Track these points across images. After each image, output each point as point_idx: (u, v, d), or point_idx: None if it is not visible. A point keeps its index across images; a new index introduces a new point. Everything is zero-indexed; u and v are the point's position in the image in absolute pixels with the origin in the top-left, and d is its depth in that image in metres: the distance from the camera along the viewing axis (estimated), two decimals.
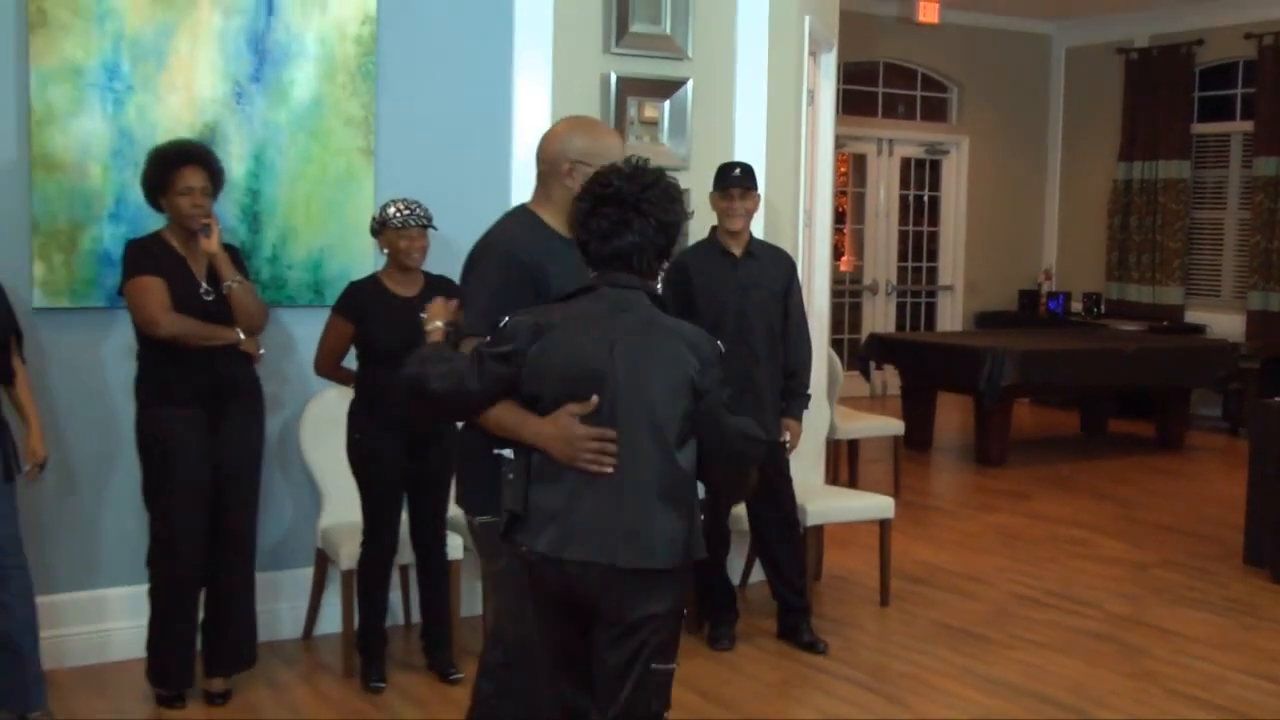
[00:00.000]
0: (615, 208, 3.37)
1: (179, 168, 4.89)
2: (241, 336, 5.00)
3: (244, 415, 5.10)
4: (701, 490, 3.43)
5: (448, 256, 5.50)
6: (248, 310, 5.00)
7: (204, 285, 4.97)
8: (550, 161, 3.74)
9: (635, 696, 3.33)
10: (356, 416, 5.27)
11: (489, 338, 3.42)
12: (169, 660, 5.09)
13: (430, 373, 3.42)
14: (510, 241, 3.70)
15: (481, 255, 3.72)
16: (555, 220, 3.72)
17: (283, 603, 5.80)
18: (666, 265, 3.58)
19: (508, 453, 3.42)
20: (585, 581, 3.29)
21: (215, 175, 4.99)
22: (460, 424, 3.71)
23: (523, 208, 3.86)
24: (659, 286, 3.53)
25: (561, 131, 3.79)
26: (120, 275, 4.97)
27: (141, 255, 4.93)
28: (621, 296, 3.38)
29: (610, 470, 3.28)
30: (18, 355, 4.84)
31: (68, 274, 5.31)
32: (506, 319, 3.41)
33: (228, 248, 5.08)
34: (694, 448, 3.38)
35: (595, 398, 3.29)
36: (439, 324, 3.63)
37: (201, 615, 5.18)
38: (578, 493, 3.31)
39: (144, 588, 5.12)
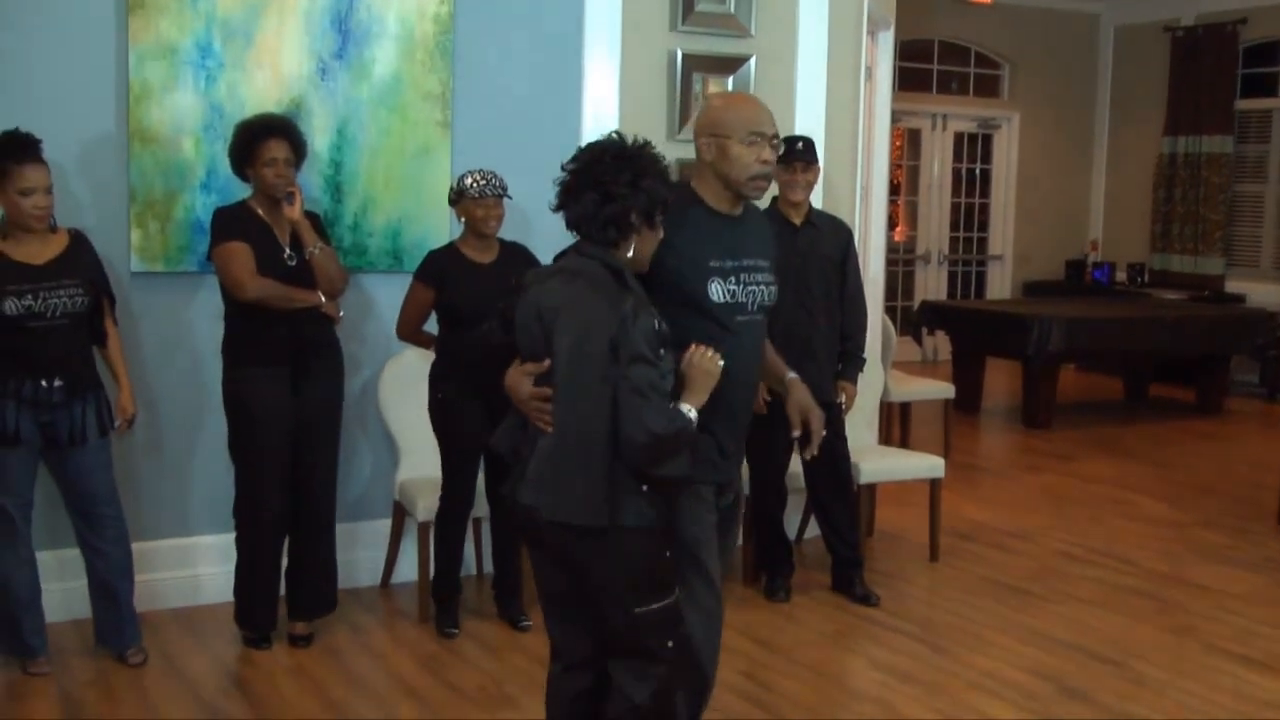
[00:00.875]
0: (568, 179, 3.37)
1: (264, 140, 4.89)
2: (323, 299, 5.00)
3: (324, 374, 5.11)
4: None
5: (522, 225, 5.50)
6: (329, 274, 5.00)
7: (287, 250, 4.97)
8: (697, 140, 3.65)
9: (627, 634, 3.34)
10: (438, 378, 5.26)
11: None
12: (254, 604, 5.12)
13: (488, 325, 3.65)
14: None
15: None
16: (711, 196, 3.62)
17: (362, 552, 5.81)
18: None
19: None
20: (538, 525, 3.33)
21: (298, 147, 4.99)
22: None
23: (684, 184, 3.73)
24: (630, 253, 3.34)
25: (707, 108, 3.72)
26: (209, 241, 4.98)
27: (229, 222, 4.93)
28: (579, 263, 3.35)
29: (548, 429, 3.30)
30: (110, 318, 4.87)
31: (162, 240, 5.33)
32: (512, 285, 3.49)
33: (310, 215, 5.09)
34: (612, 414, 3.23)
35: (547, 360, 3.31)
36: None
37: (285, 563, 5.21)
38: (533, 441, 3.36)
39: (231, 536, 5.15)
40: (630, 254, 3.36)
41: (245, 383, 4.98)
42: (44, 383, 4.59)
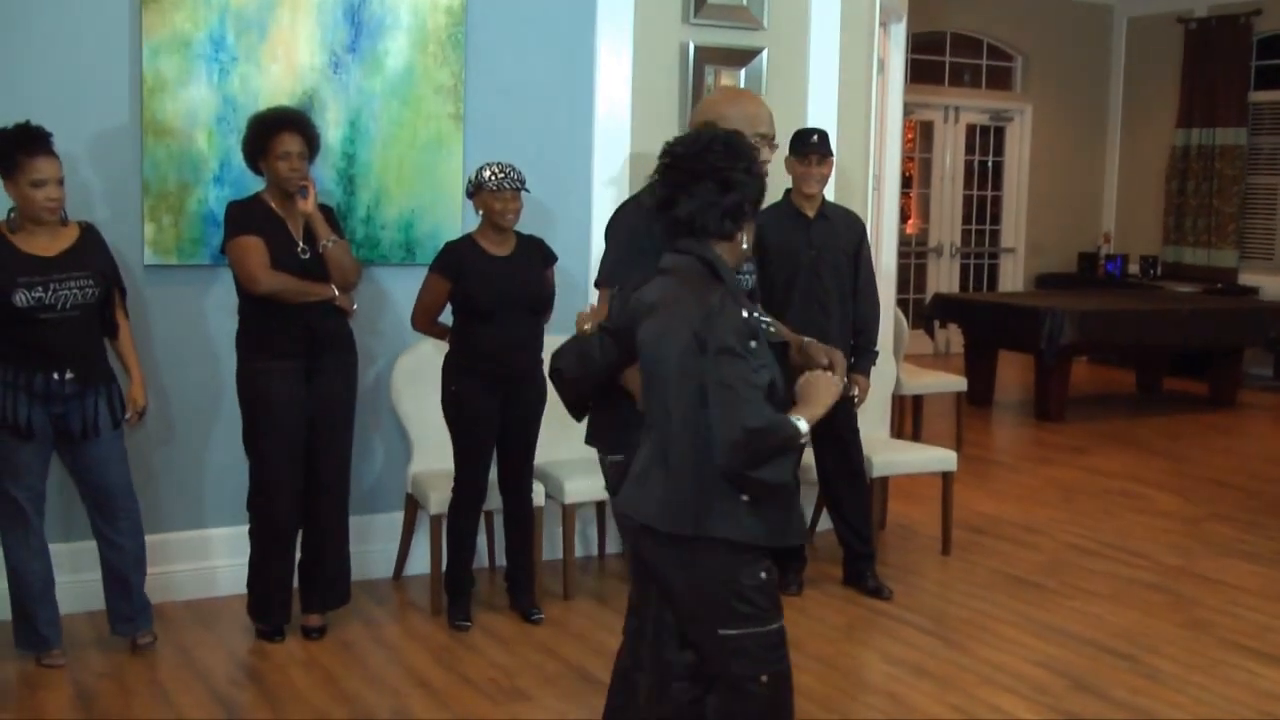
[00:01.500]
0: (675, 173, 3.19)
1: (277, 134, 4.90)
2: (336, 293, 5.01)
3: (337, 367, 5.11)
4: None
5: (539, 217, 5.50)
6: (342, 267, 5.00)
7: (301, 244, 4.98)
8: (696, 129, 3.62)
9: (713, 658, 3.18)
10: (452, 369, 5.26)
11: (612, 314, 3.46)
12: (267, 597, 5.13)
13: (561, 362, 3.52)
14: (639, 205, 3.70)
15: (617, 216, 3.81)
16: None
17: (375, 544, 5.82)
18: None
19: None
20: (630, 530, 3.27)
21: (311, 140, 4.99)
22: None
23: None
24: (745, 244, 3.26)
25: (709, 101, 3.74)
26: (223, 235, 4.99)
27: (242, 215, 4.94)
28: (675, 261, 3.20)
29: None
30: (121, 309, 4.88)
31: (175, 233, 5.33)
32: (619, 294, 3.41)
33: (323, 208, 5.10)
34: (703, 419, 3.04)
35: None
36: (587, 327, 3.55)
37: (299, 555, 5.22)
38: (639, 453, 3.26)
39: (245, 528, 5.16)
40: (744, 245, 3.25)
41: (259, 375, 4.99)
42: (55, 375, 4.60)
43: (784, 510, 3.15)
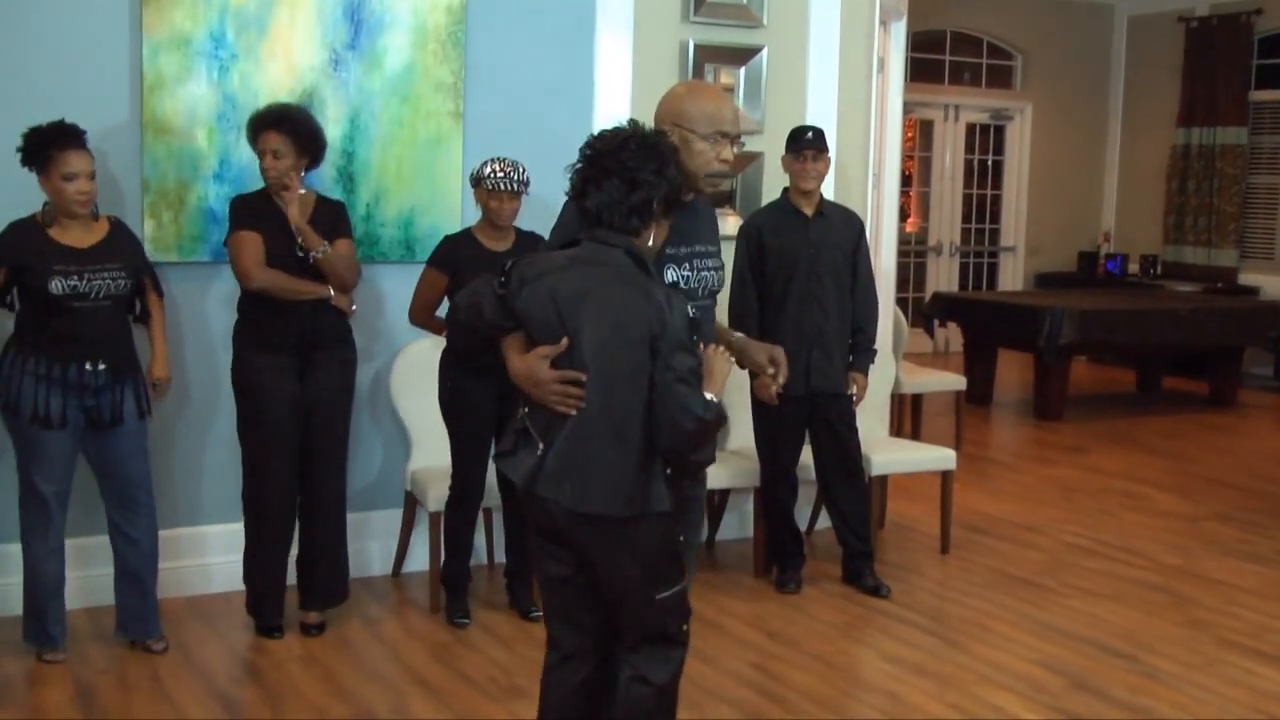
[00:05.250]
0: (587, 167, 3.33)
1: (262, 131, 4.95)
2: (331, 293, 5.03)
3: (332, 365, 5.13)
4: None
5: (538, 214, 5.51)
6: (337, 274, 5.02)
7: (300, 240, 5.00)
8: (658, 124, 3.63)
9: (651, 621, 3.38)
10: (449, 366, 5.28)
11: (501, 276, 3.42)
12: (262, 593, 5.17)
13: (460, 304, 3.55)
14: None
15: (567, 206, 3.64)
16: None
17: (374, 541, 5.84)
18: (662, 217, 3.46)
19: None
20: (555, 517, 3.31)
21: (300, 138, 4.99)
22: None
23: None
24: (649, 241, 3.40)
25: (669, 97, 3.69)
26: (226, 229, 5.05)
27: (243, 211, 5.00)
28: (599, 251, 3.32)
29: (573, 411, 3.25)
30: (154, 293, 4.99)
31: (175, 230, 5.35)
32: (510, 262, 3.42)
33: (333, 203, 5.17)
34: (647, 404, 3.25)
35: (565, 340, 3.26)
36: None
37: (296, 552, 5.25)
38: (550, 430, 3.30)
39: (240, 525, 5.19)
40: (650, 243, 3.39)
41: (250, 369, 5.03)
42: (88, 366, 4.68)
43: (678, 478, 3.37)
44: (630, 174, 3.27)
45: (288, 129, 4.96)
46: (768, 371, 3.80)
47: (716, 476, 5.19)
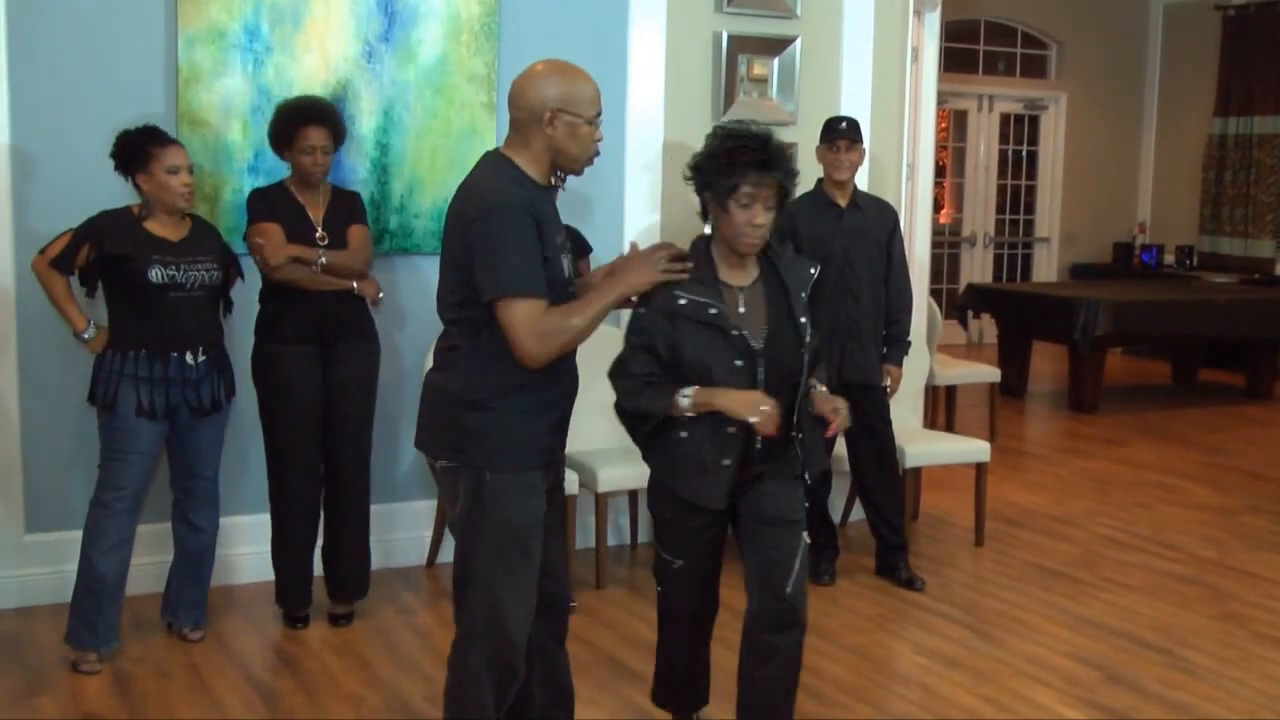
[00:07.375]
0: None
1: (304, 126, 4.97)
2: (355, 285, 5.09)
3: (354, 355, 5.16)
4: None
5: (574, 206, 5.53)
6: (346, 269, 5.07)
7: (320, 231, 5.04)
8: (530, 110, 3.42)
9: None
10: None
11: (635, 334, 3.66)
12: (287, 583, 5.22)
13: (620, 399, 3.79)
14: (519, 196, 3.40)
15: (496, 212, 3.36)
16: (533, 169, 3.47)
17: (408, 532, 5.88)
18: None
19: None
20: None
21: (338, 133, 5.08)
22: (438, 371, 3.76)
23: (502, 157, 3.50)
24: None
25: (540, 79, 3.47)
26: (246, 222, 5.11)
27: (260, 202, 5.05)
28: None
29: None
30: (240, 279, 5.09)
31: (211, 222, 5.38)
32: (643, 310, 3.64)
33: (349, 194, 5.23)
34: None
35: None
36: None
37: (321, 543, 5.29)
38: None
39: (266, 516, 5.25)
40: None
41: (271, 358, 5.08)
42: (189, 357, 4.76)
43: None
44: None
45: (330, 124, 5.02)
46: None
47: None
